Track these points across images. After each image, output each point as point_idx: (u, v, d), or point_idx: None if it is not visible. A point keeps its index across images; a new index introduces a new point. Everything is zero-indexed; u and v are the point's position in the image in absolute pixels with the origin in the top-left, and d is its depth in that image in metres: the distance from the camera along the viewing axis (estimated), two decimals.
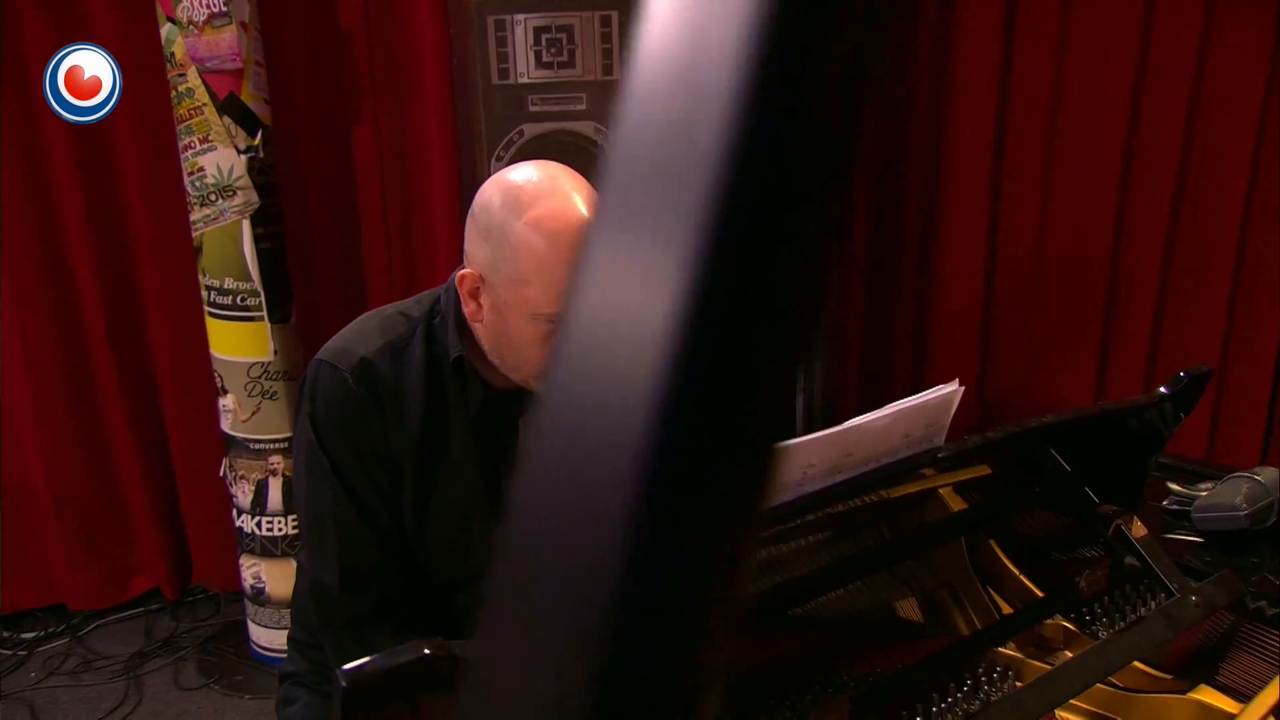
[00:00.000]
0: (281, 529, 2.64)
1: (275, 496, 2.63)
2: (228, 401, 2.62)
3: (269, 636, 2.73)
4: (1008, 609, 1.30)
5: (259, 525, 2.65)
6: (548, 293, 1.22)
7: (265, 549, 2.65)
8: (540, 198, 1.24)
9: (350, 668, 0.69)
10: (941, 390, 0.93)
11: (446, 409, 1.37)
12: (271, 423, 2.59)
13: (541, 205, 1.23)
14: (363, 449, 1.31)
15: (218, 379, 2.61)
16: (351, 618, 1.33)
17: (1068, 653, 1.23)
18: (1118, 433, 1.18)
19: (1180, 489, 1.44)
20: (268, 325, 2.55)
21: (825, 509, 0.88)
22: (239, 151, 2.43)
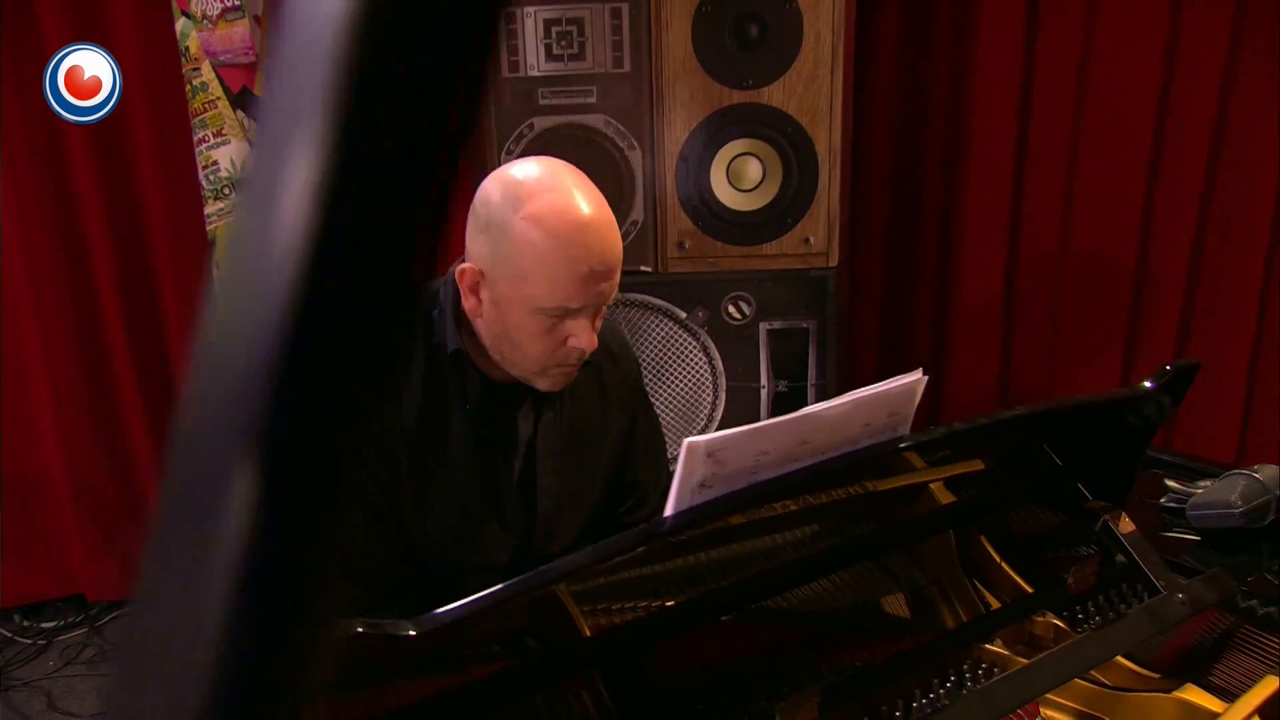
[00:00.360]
0: None
1: None
2: None
3: None
4: (998, 606, 1.31)
5: None
6: (547, 288, 1.24)
7: None
8: (540, 193, 1.26)
9: None
10: (904, 379, 0.93)
11: (445, 402, 1.40)
12: None
13: (541, 200, 1.25)
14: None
15: None
16: (351, 606, 1.37)
17: None
18: (1103, 427, 1.18)
19: (1178, 486, 1.44)
20: None
21: (786, 499, 0.89)
22: (252, 145, 2.48)
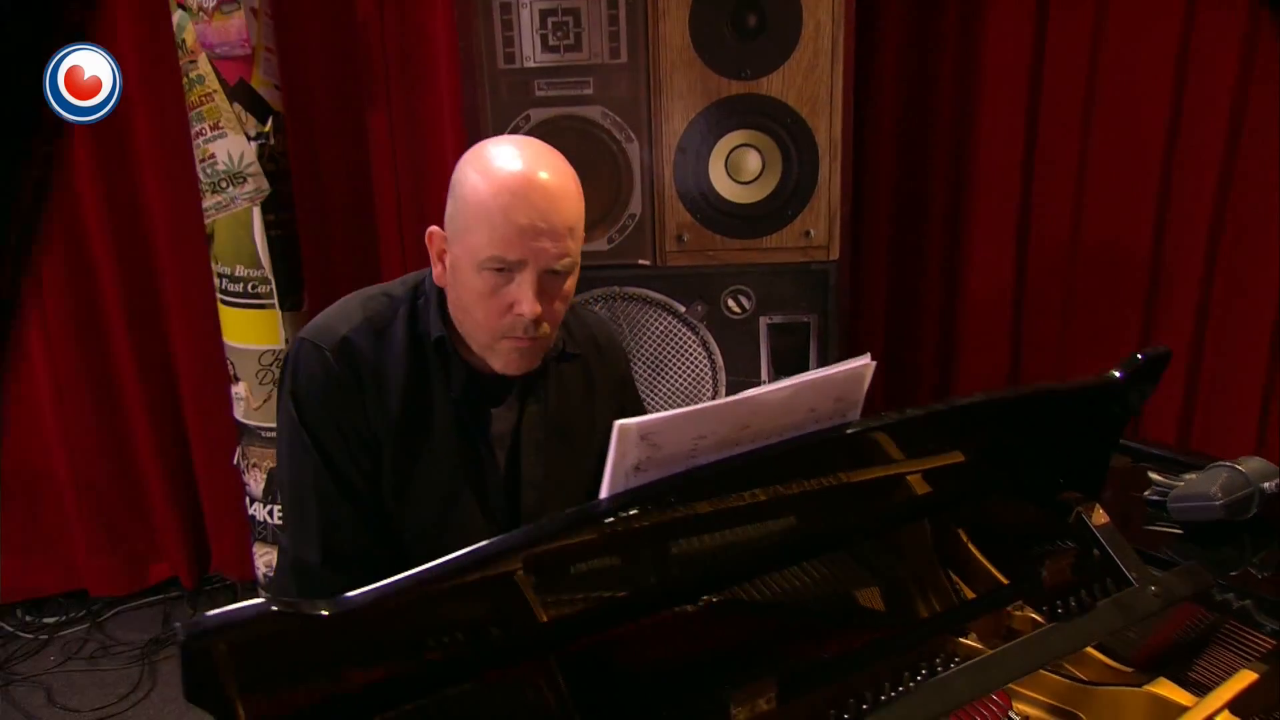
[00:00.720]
0: None
1: None
2: (240, 389, 2.72)
3: None
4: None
5: (271, 514, 2.75)
6: (485, 237, 1.29)
7: (277, 538, 2.75)
8: (500, 155, 1.32)
9: (189, 621, 0.72)
10: (851, 364, 0.94)
11: (428, 390, 1.43)
12: None
13: (496, 158, 1.32)
14: (344, 426, 1.38)
15: (230, 367, 2.72)
16: (332, 594, 1.40)
17: None
18: (1072, 416, 1.19)
19: (1161, 479, 1.44)
20: (279, 313, 2.64)
21: (727, 484, 0.91)
22: (249, 138, 2.53)
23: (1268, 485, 1.35)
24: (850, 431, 0.93)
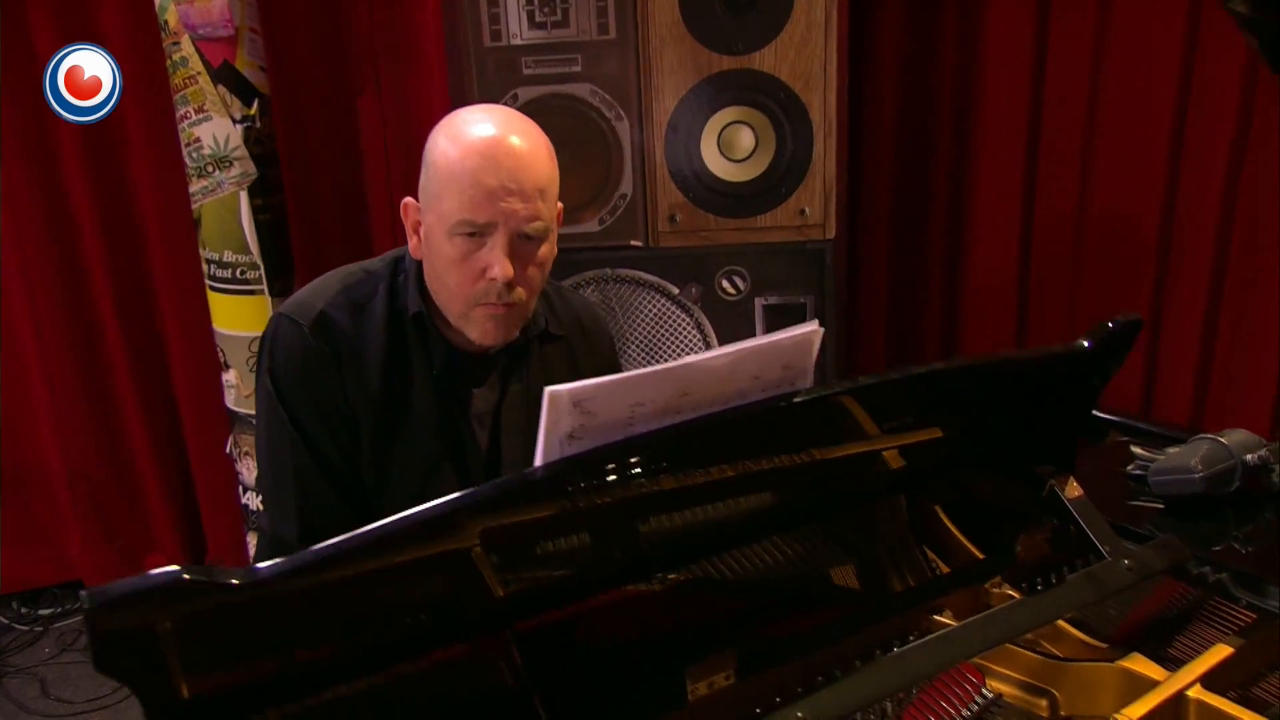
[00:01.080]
0: None
1: None
2: (230, 377, 2.75)
3: None
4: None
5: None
6: (454, 201, 1.31)
7: (259, 521, 2.78)
8: (469, 121, 1.35)
9: (95, 589, 0.72)
10: (798, 330, 0.95)
11: (408, 367, 1.45)
12: None
13: (466, 124, 1.34)
14: (322, 402, 1.40)
15: (220, 354, 2.75)
16: None
17: None
18: (1041, 386, 1.19)
19: (1143, 452, 1.44)
20: (268, 299, 2.67)
21: (668, 453, 0.91)
22: (235, 121, 2.55)
23: (1251, 458, 1.35)
24: (799, 400, 0.94)
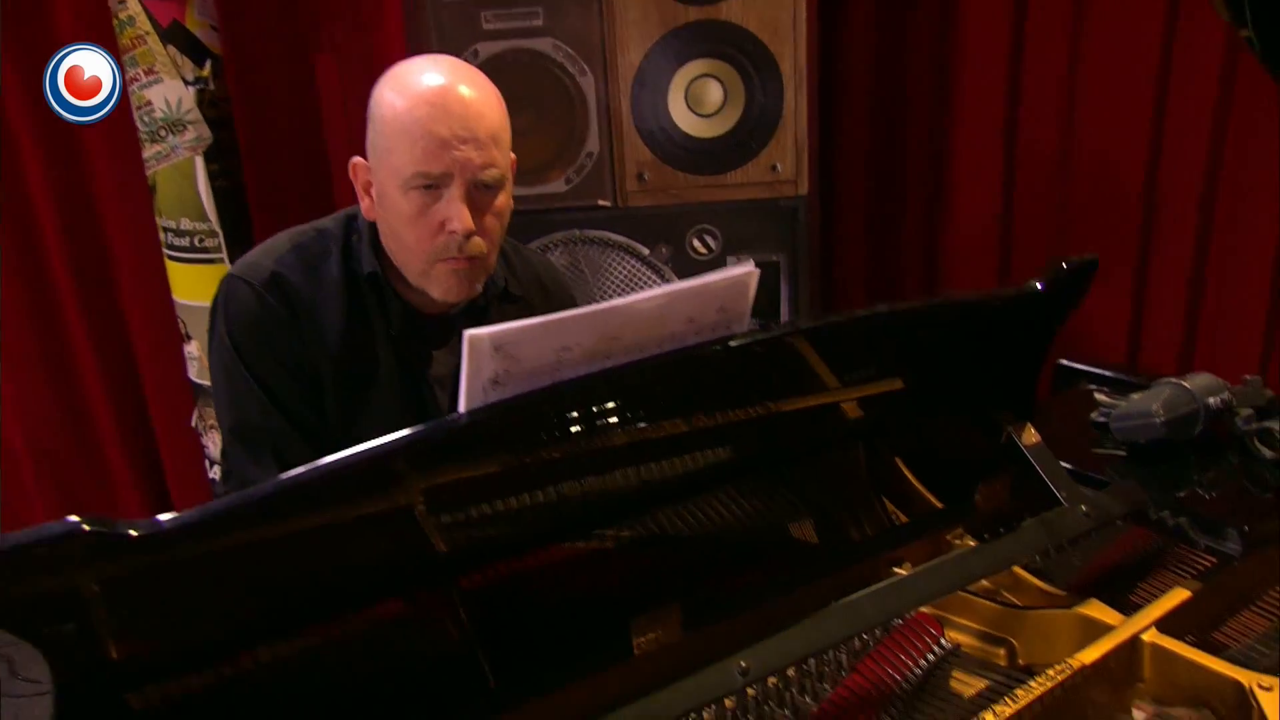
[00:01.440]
0: None
1: None
2: (192, 348, 2.74)
3: None
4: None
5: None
6: (406, 155, 1.31)
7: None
8: (414, 71, 1.35)
9: None
10: (731, 272, 0.93)
11: (369, 328, 1.46)
12: None
13: (412, 74, 1.34)
14: (284, 359, 1.41)
15: (181, 325, 2.74)
16: None
17: None
18: (997, 329, 1.19)
19: (1107, 399, 1.45)
20: (229, 267, 2.65)
21: (596, 398, 0.91)
22: (187, 83, 2.53)
23: (1213, 401, 1.35)
24: (735, 344, 0.94)
